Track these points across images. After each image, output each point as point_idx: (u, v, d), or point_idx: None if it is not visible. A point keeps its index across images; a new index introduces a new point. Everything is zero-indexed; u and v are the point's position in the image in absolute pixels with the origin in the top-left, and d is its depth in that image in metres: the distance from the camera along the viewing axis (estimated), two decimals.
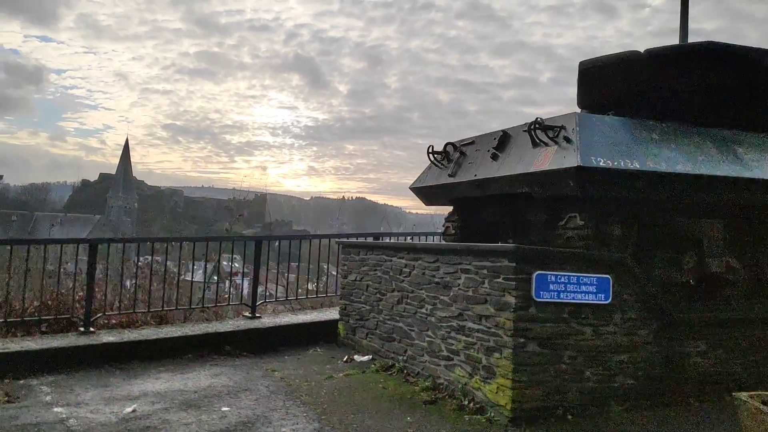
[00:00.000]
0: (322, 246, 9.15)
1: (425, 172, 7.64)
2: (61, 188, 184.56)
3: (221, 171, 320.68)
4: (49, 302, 7.42)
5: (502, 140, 6.29)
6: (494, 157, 6.35)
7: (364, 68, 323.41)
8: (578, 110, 6.65)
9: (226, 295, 8.45)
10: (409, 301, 6.24)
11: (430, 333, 5.83)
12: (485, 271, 5.07)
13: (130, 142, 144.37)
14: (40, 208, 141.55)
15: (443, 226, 7.86)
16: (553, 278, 4.82)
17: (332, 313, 8.40)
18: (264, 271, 8.29)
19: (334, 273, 9.63)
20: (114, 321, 7.71)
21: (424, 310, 5.95)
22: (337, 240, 8.30)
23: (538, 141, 5.62)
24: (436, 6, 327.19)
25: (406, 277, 6.33)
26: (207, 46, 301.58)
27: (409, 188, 7.80)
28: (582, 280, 4.93)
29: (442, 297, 5.66)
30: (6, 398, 5.34)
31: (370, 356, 6.82)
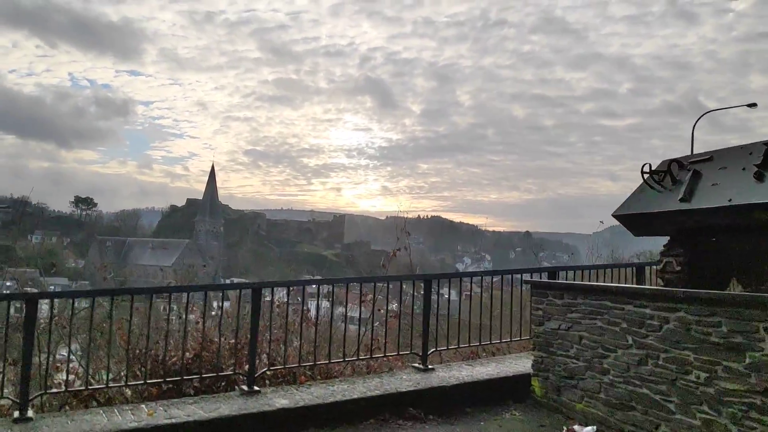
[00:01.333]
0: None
1: (636, 195, 6.34)
2: (150, 214, 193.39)
3: (299, 193, 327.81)
4: (204, 354, 6.58)
5: None
6: (759, 176, 4.99)
7: (437, 87, 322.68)
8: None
9: (386, 342, 7.31)
10: (660, 363, 4.91)
11: (705, 408, 4.49)
12: None
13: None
14: (131, 234, 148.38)
15: (660, 260, 6.50)
16: None
17: (515, 364, 7.17)
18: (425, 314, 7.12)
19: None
20: (268, 373, 6.80)
21: (691, 377, 4.61)
22: (527, 280, 7.05)
23: None
24: (509, 22, 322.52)
25: (652, 331, 5.01)
26: (285, 73, 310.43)
27: (613, 215, 6.51)
28: None
29: (728, 363, 4.32)
30: None
31: (594, 427, 5.51)
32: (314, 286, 6.64)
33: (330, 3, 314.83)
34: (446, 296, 7.74)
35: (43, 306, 6.33)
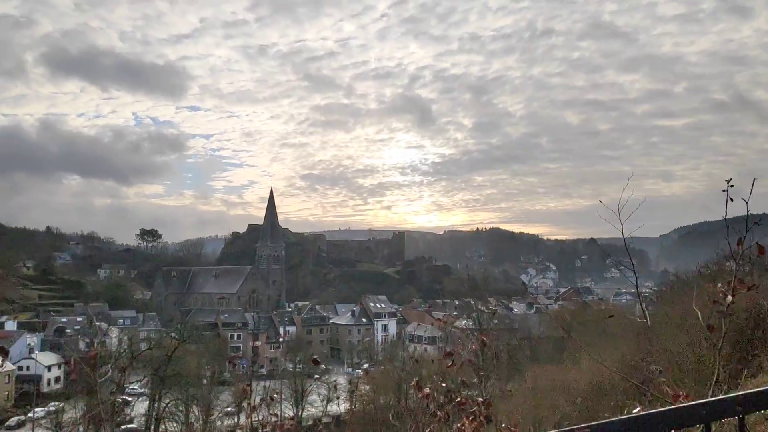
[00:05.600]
0: None
1: None
2: (212, 242, 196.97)
3: (355, 214, 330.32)
4: None
5: None
6: None
7: (487, 100, 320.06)
8: None
9: None
10: None
11: None
12: None
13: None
14: (196, 263, 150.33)
15: None
16: None
17: None
18: None
19: None
20: None
21: None
22: None
23: None
24: (556, 31, 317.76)
25: None
26: (336, 98, 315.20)
27: None
28: None
29: None
30: None
31: None
32: None
33: (377, 27, 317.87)
34: None
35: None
